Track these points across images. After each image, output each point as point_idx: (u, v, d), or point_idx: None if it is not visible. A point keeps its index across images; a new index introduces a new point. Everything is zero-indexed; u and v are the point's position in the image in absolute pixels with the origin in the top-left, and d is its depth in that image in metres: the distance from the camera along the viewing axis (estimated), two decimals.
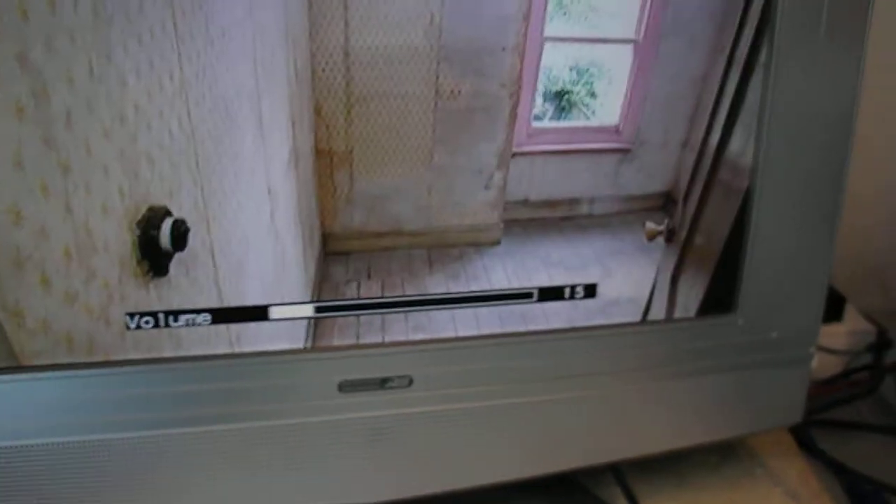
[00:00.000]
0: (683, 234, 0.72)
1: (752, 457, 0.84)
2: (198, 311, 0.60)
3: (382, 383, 0.63)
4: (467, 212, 0.75)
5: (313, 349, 0.64)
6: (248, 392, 0.61)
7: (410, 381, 0.63)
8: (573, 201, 0.77)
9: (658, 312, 0.73)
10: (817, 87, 0.64)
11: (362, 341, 0.63)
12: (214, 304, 0.64)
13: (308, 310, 0.63)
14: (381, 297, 0.65)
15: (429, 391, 0.64)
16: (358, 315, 0.64)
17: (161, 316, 0.59)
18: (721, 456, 0.83)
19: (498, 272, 0.74)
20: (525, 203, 0.78)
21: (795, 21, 0.62)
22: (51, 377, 0.56)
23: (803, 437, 0.88)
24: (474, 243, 0.75)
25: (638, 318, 0.71)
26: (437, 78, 0.69)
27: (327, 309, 0.63)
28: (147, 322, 0.59)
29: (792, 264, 0.69)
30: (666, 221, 0.72)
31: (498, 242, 0.75)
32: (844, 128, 0.65)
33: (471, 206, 0.76)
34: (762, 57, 0.63)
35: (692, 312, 0.71)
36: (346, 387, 0.62)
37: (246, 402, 0.61)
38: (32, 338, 0.52)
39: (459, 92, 0.70)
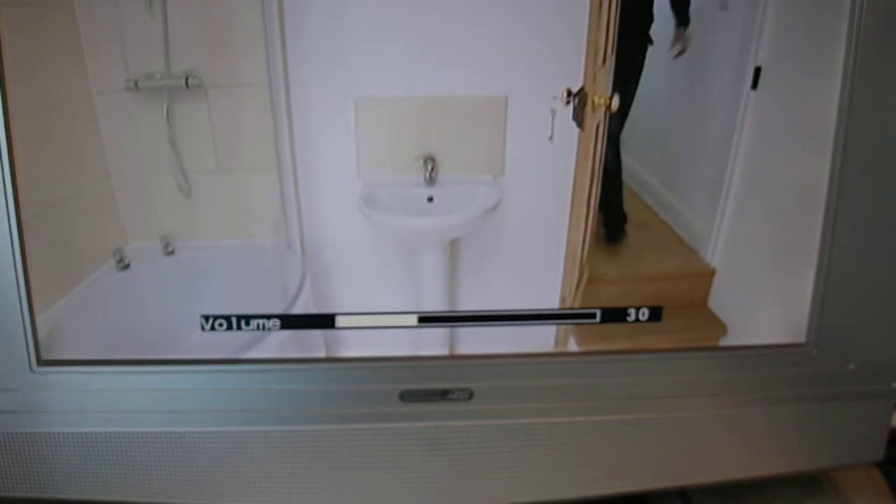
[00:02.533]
0: None
1: (837, 493, 0.77)
2: (268, 317, 0.63)
3: (443, 395, 0.63)
4: None
5: (379, 358, 0.64)
6: (313, 395, 0.62)
7: (471, 395, 0.63)
8: None
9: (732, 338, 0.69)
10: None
11: (425, 353, 0.64)
12: None
13: (372, 320, 0.63)
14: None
15: (489, 405, 0.63)
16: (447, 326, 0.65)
17: (234, 319, 0.62)
18: (804, 490, 0.77)
19: None
20: None
21: None
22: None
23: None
24: None
25: None
26: None
27: (428, 319, 0.64)
28: (220, 324, 0.62)
29: (872, 292, 0.63)
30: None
31: None
32: None
33: None
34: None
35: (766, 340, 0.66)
36: (407, 396, 0.63)
37: (311, 405, 0.62)
38: None
39: None
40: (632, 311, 0.64)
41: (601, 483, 0.66)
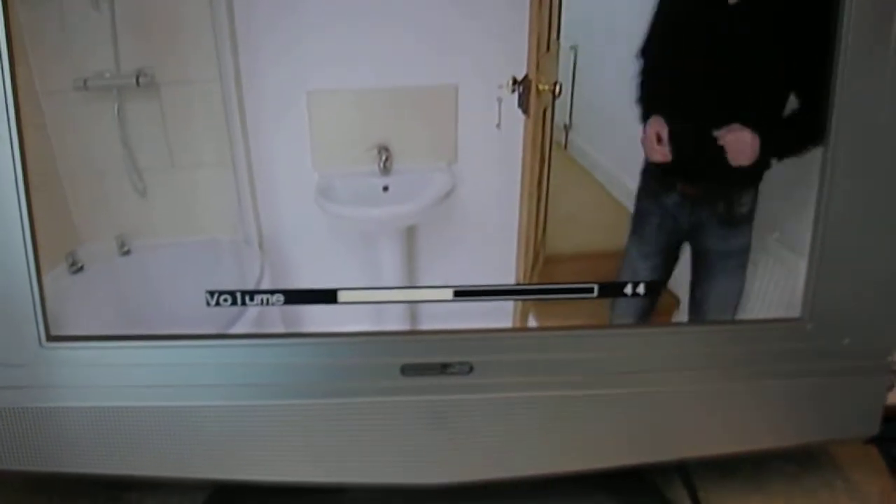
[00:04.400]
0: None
1: (834, 468, 0.80)
2: (272, 292, 0.65)
3: (443, 368, 0.64)
4: None
5: (379, 333, 0.66)
6: (315, 369, 0.64)
7: (471, 368, 0.64)
8: None
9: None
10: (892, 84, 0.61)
11: (425, 327, 0.66)
12: None
13: (370, 294, 0.66)
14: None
15: (488, 378, 0.64)
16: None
17: (238, 294, 0.64)
18: (801, 466, 0.80)
19: None
20: None
21: None
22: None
23: (893, 454, 0.82)
24: None
25: None
26: None
27: (464, 293, 0.66)
28: (225, 300, 0.64)
29: (867, 267, 0.65)
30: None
31: None
32: None
33: None
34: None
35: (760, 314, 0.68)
36: (408, 370, 0.64)
37: (313, 379, 0.64)
38: None
39: None
40: (629, 286, 0.67)
41: (599, 456, 0.68)
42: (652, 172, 0.66)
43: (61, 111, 0.66)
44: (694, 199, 0.68)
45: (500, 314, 0.69)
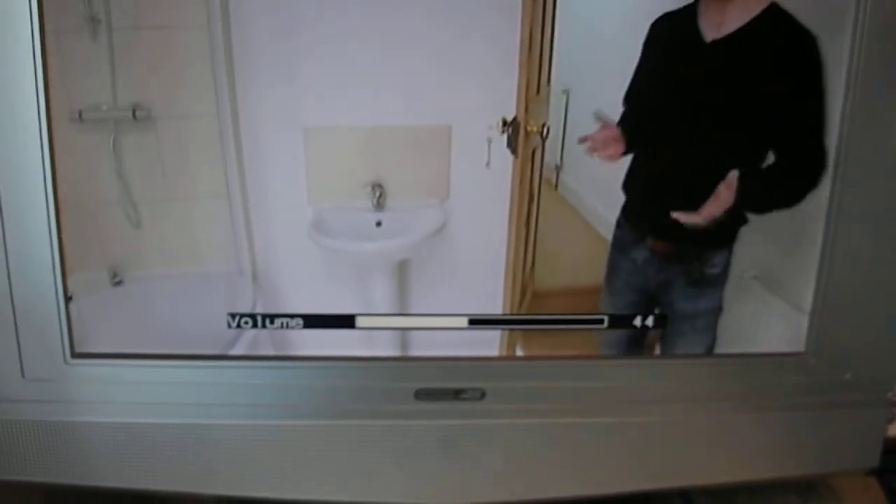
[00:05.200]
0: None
1: (835, 499, 0.80)
2: (291, 316, 0.66)
3: (456, 394, 0.66)
4: None
5: (394, 358, 0.68)
6: (331, 391, 0.65)
7: (483, 394, 0.66)
8: None
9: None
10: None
11: (439, 354, 0.67)
12: None
13: (389, 321, 0.67)
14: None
15: (500, 405, 0.66)
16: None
17: (259, 318, 0.65)
18: (801, 496, 0.80)
19: None
20: None
21: None
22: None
23: (893, 486, 0.82)
24: None
25: None
26: None
27: (480, 322, 0.67)
28: (246, 322, 0.65)
29: (870, 303, 0.66)
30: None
31: None
32: None
33: None
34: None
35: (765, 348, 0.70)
36: (421, 395, 0.65)
37: (329, 400, 0.65)
38: None
39: None
40: (638, 318, 0.68)
41: (604, 482, 0.69)
42: (623, 225, 0.68)
43: (56, 142, 0.66)
44: (663, 257, 0.69)
45: (487, 343, 0.71)
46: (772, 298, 0.71)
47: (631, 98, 0.65)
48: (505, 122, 0.67)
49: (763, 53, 0.64)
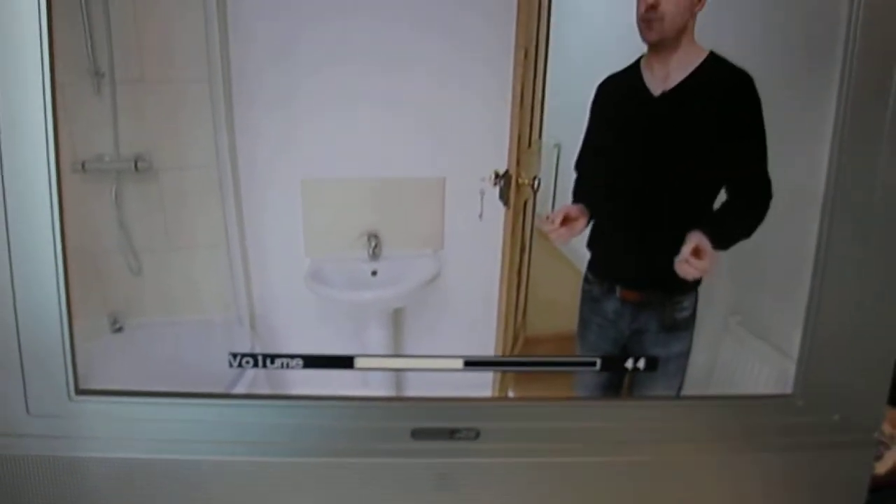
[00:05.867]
0: None
1: None
2: (291, 356, 0.67)
3: (452, 433, 0.67)
4: None
5: (392, 398, 0.70)
6: (331, 430, 0.67)
7: (477, 434, 0.67)
8: None
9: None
10: (883, 174, 0.64)
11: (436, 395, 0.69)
12: None
13: (387, 362, 0.69)
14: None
15: (494, 444, 0.68)
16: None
17: (260, 357, 0.66)
18: None
19: None
20: None
21: None
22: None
23: None
24: None
25: None
26: None
27: (475, 364, 0.68)
28: (248, 362, 0.67)
29: (855, 345, 0.68)
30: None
31: None
32: None
33: None
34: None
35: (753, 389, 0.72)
36: (418, 434, 0.67)
37: (328, 439, 0.67)
38: None
39: None
40: (630, 360, 0.69)
41: None
42: (591, 280, 0.71)
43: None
44: (634, 306, 0.71)
45: (480, 386, 0.72)
46: (757, 343, 0.73)
47: (583, 162, 0.67)
48: (497, 175, 0.69)
49: (709, 99, 0.67)
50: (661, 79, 0.67)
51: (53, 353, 0.63)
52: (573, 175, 0.69)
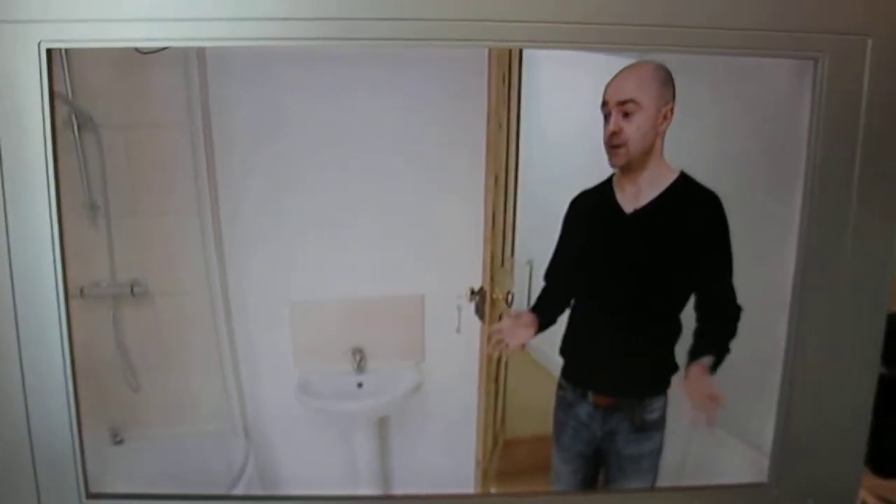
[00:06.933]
0: None
1: None
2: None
3: None
4: None
5: (383, 497, 0.74)
6: None
7: None
8: None
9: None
10: (849, 267, 0.68)
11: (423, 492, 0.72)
12: None
13: None
14: None
15: None
16: None
17: None
18: None
19: None
20: None
21: None
22: None
23: None
24: None
25: None
26: None
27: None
28: None
29: (826, 433, 0.71)
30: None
31: None
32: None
33: None
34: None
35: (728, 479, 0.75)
36: None
37: None
38: None
39: None
40: None
41: None
42: (564, 386, 0.75)
43: None
44: (606, 409, 0.75)
45: (463, 480, 0.77)
46: (728, 438, 0.77)
47: (553, 272, 0.72)
48: (473, 292, 0.73)
49: (680, 218, 0.71)
50: (632, 196, 0.71)
51: (65, 460, 0.68)
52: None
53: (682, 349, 0.74)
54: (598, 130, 0.68)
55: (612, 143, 0.68)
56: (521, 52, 0.67)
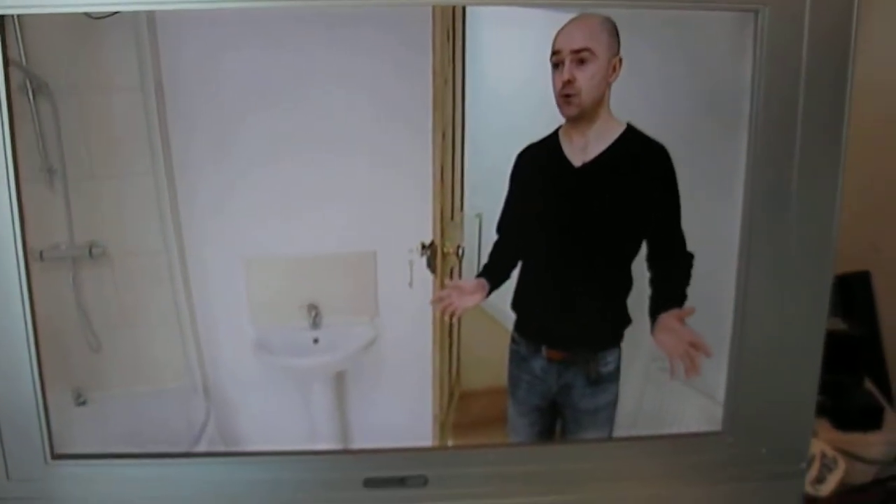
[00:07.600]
0: None
1: None
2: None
3: (401, 481, 0.72)
4: None
5: (344, 451, 0.76)
6: (287, 483, 0.72)
7: (426, 481, 0.72)
8: None
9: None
10: (795, 215, 0.69)
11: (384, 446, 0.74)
12: None
13: None
14: None
15: (441, 490, 0.73)
16: None
17: None
18: None
19: None
20: None
21: None
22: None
23: None
24: None
25: None
26: None
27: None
28: None
29: (779, 383, 0.73)
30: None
31: None
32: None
33: None
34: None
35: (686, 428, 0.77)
36: (370, 483, 0.72)
37: (286, 492, 0.72)
38: None
39: None
40: None
41: None
42: (518, 340, 0.76)
43: None
44: (560, 363, 0.77)
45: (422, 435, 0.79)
46: (683, 388, 0.78)
47: (504, 226, 0.73)
48: (424, 246, 0.74)
49: (628, 170, 0.72)
50: (580, 149, 0.71)
51: (30, 422, 0.70)
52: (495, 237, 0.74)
53: (633, 303, 0.75)
54: (545, 83, 0.69)
55: (565, 93, 0.69)
56: (464, 8, 0.68)
